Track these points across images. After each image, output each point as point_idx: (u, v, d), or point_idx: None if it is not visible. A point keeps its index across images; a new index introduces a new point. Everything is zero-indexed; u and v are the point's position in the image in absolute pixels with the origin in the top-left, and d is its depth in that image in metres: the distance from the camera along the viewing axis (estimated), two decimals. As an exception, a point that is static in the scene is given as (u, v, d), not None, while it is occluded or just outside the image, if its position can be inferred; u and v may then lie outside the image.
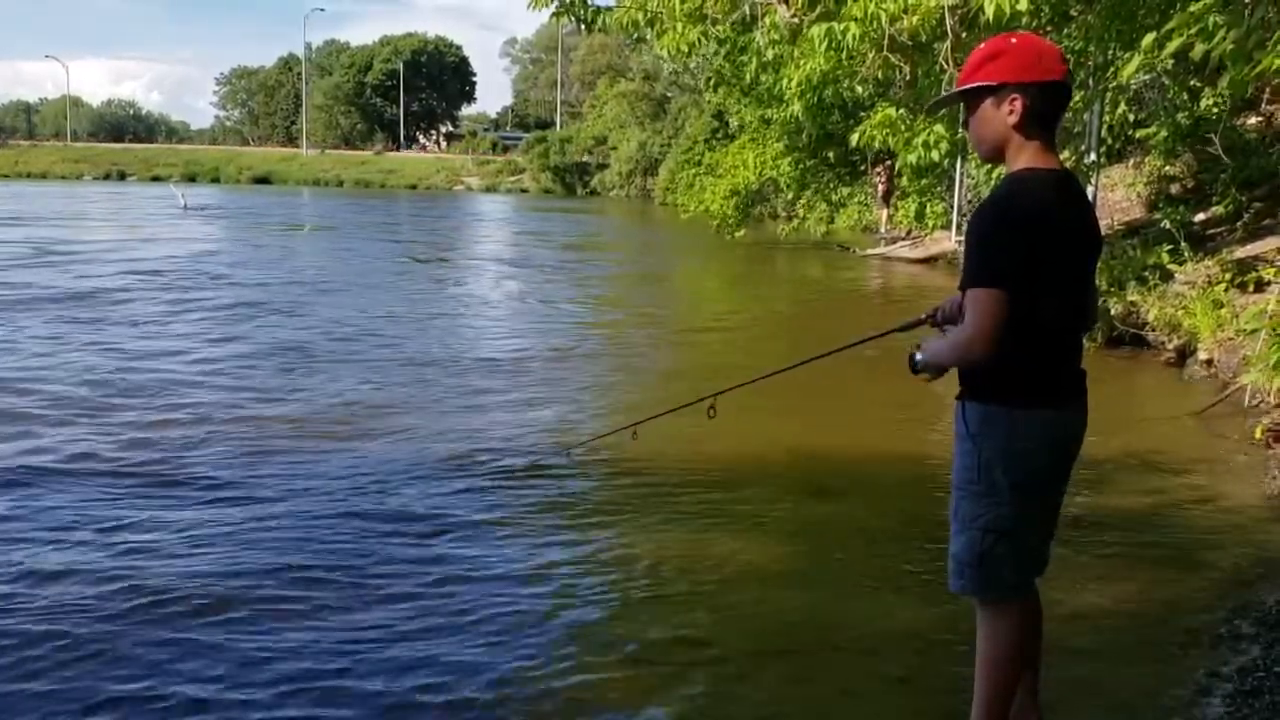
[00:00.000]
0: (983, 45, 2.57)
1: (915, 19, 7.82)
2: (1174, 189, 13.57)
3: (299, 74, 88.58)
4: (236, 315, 11.24)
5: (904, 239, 21.52)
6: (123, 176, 61.97)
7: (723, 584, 4.21)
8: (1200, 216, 11.78)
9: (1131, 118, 13.30)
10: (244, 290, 13.40)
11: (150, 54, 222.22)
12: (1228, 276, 8.64)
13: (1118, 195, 14.90)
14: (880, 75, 8.82)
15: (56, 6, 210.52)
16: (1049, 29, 9.06)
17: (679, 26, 9.20)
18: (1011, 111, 2.47)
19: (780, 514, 5.15)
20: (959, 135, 9.12)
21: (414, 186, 60.29)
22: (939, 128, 9.30)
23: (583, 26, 10.35)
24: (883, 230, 23.17)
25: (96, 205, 33.50)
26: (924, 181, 18.65)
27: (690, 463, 5.64)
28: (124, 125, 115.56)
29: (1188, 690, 3.19)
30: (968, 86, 2.54)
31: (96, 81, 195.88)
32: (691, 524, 4.92)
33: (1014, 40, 2.53)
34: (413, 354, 9.06)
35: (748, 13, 9.51)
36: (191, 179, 59.30)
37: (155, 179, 58.89)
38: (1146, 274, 9.43)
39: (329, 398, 7.37)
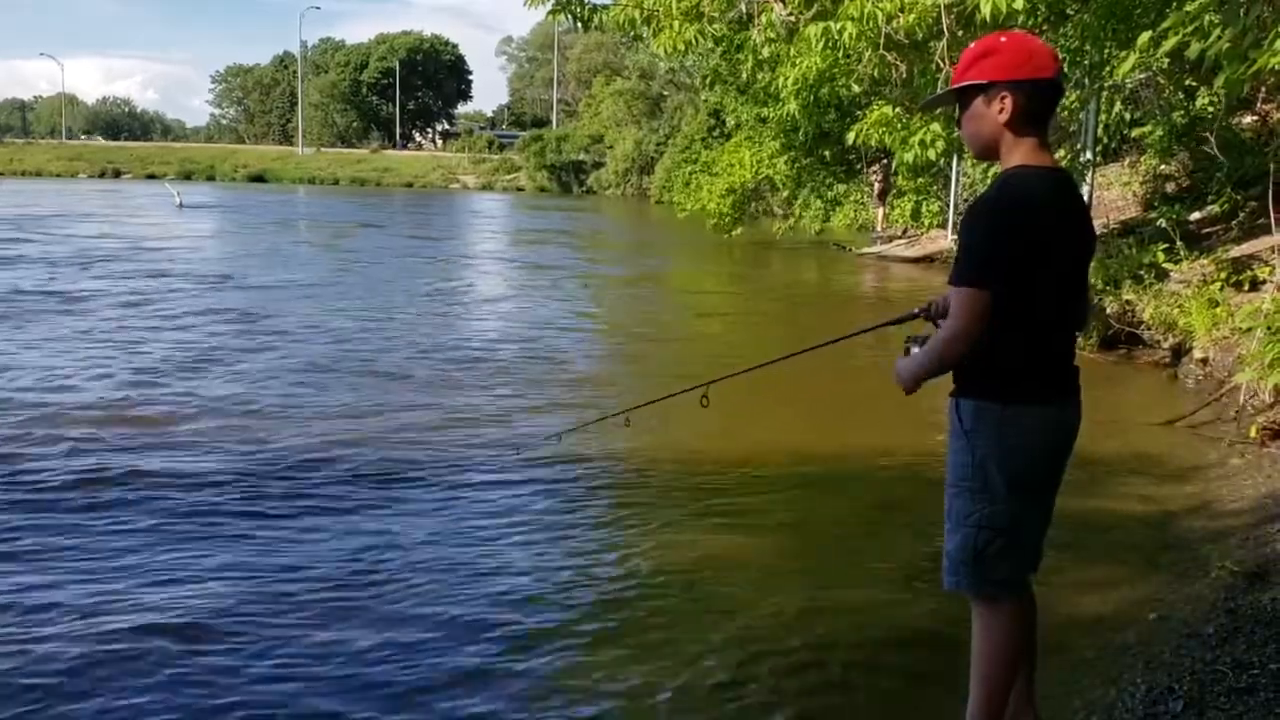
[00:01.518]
0: (974, 44, 2.58)
1: (911, 18, 7.83)
2: (1169, 188, 13.60)
3: (294, 72, 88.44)
4: (227, 315, 11.22)
5: (900, 237, 21.55)
6: (118, 174, 61.76)
7: (715, 578, 4.22)
8: (1196, 215, 11.81)
9: (1127, 116, 13.32)
10: (236, 293, 13.39)
11: (145, 52, 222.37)
12: (1223, 275, 8.66)
13: (1113, 194, 14.93)
14: (876, 74, 8.82)
15: (52, 5, 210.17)
16: (1045, 28, 9.08)
17: (675, 25, 9.19)
18: (1002, 110, 2.48)
19: (772, 508, 5.16)
20: (955, 134, 9.13)
21: (410, 185, 60.21)
22: (935, 126, 9.31)
23: (579, 24, 10.33)
24: (878, 229, 23.19)
25: (92, 203, 33.36)
26: (920, 180, 18.69)
27: (684, 457, 5.64)
28: (119, 123, 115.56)
29: (1185, 688, 3.19)
30: (959, 85, 2.55)
31: (91, 80, 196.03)
32: (684, 517, 4.94)
33: (1004, 39, 2.54)
34: (408, 351, 9.03)
35: (744, 11, 9.51)
36: (187, 177, 59.17)
37: (150, 177, 58.75)
38: (1142, 273, 9.45)
39: (327, 396, 7.36)
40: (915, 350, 2.62)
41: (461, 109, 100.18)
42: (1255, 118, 12.94)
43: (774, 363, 3.73)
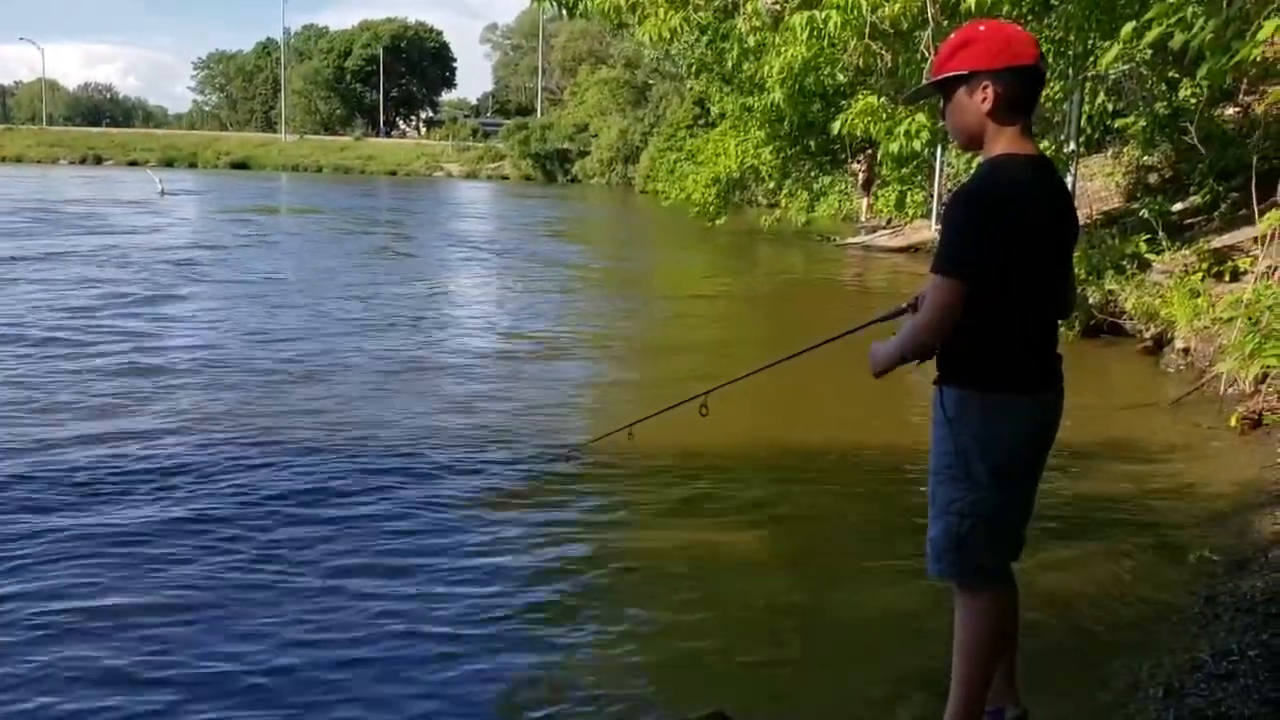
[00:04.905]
0: (953, 35, 2.59)
1: (896, 7, 7.86)
2: (1152, 179, 13.67)
3: (277, 59, 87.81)
4: (221, 311, 11.15)
5: (884, 228, 21.57)
6: (99, 161, 61.16)
7: (714, 572, 4.23)
8: (1178, 206, 11.87)
9: (1110, 107, 13.36)
10: (230, 287, 13.30)
11: (127, 38, 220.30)
12: (1205, 266, 8.72)
13: (1096, 185, 14.99)
14: (861, 63, 8.85)
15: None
16: (1029, 18, 9.10)
17: (660, 13, 9.20)
18: (985, 99, 2.48)
19: (765, 502, 5.17)
20: (940, 124, 9.15)
21: (394, 173, 59.86)
22: (921, 116, 9.33)
23: (564, 12, 10.31)
24: (863, 219, 23.22)
25: (73, 190, 33.03)
26: (904, 170, 18.69)
27: (680, 455, 5.62)
28: (100, 110, 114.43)
29: (1164, 674, 3.22)
30: (940, 77, 2.55)
31: (72, 65, 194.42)
32: (683, 515, 4.93)
33: (983, 28, 2.55)
34: (398, 354, 8.69)
35: (729, -1, 9.52)
36: (169, 164, 58.58)
37: (132, 164, 58.18)
38: (1124, 263, 9.50)
39: (320, 400, 7.21)
40: (887, 344, 2.64)
41: (446, 97, 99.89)
42: (1237, 109, 13.01)
43: (767, 368, 3.78)
